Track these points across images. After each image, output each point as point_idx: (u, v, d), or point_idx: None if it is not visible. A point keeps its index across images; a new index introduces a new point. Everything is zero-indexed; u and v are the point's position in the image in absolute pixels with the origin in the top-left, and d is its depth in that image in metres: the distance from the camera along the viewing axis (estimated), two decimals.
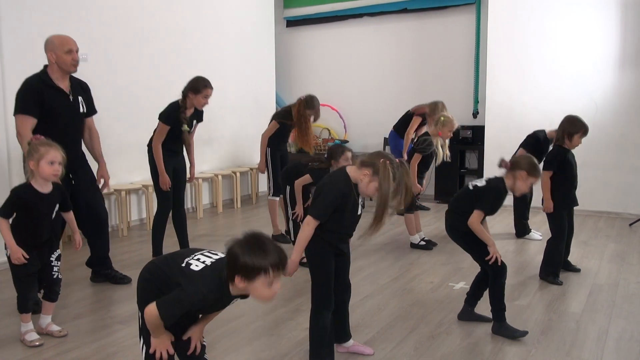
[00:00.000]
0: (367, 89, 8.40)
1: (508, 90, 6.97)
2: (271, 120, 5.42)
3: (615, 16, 6.39)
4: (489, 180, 3.29)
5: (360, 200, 2.66)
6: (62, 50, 3.70)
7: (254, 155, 7.96)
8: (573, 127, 4.11)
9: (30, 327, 3.15)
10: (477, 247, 3.23)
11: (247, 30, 7.82)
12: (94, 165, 4.21)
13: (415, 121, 6.37)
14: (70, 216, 3.29)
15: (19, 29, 4.84)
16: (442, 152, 5.01)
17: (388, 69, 8.24)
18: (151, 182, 4.74)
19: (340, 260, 2.76)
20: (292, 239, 4.61)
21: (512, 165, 3.20)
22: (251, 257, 1.82)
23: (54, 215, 3.13)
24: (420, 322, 3.43)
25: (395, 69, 8.17)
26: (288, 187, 4.70)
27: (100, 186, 4.17)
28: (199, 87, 4.41)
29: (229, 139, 7.56)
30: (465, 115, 7.75)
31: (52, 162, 2.98)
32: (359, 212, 2.70)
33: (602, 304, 3.72)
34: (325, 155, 4.43)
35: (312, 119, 5.21)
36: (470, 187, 3.31)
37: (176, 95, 4.59)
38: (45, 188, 3.04)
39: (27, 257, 3.01)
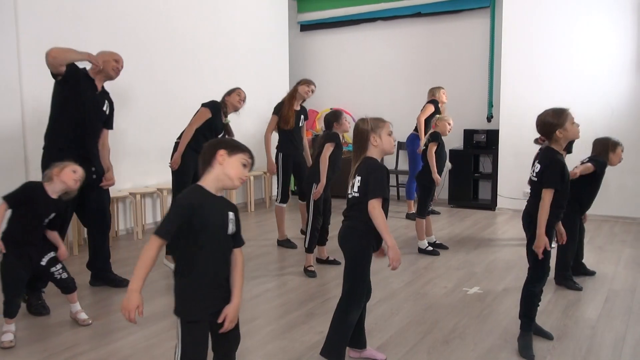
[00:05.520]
0: (380, 94, 8.39)
1: (522, 94, 6.92)
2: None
3: (631, 19, 6.33)
4: (541, 160, 3.04)
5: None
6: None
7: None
8: (604, 145, 4.16)
9: (11, 328, 3.19)
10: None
11: (261, 35, 7.86)
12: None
13: (428, 108, 6.57)
14: (54, 234, 3.43)
15: (37, 28, 4.92)
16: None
17: (402, 73, 8.24)
18: (167, 186, 4.78)
19: None
20: (306, 245, 4.58)
21: (546, 135, 3.04)
22: (232, 140, 2.14)
23: (46, 222, 3.31)
24: (434, 327, 3.42)
25: (409, 73, 8.16)
26: (314, 185, 4.50)
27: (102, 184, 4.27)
28: (230, 91, 4.90)
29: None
30: (480, 119, 7.73)
31: (75, 170, 3.34)
32: None
33: (618, 310, 3.68)
34: (325, 128, 4.67)
35: (298, 96, 5.40)
36: (534, 177, 3.06)
37: (191, 99, 4.63)
38: (53, 195, 3.29)
39: (4, 251, 3.18)
